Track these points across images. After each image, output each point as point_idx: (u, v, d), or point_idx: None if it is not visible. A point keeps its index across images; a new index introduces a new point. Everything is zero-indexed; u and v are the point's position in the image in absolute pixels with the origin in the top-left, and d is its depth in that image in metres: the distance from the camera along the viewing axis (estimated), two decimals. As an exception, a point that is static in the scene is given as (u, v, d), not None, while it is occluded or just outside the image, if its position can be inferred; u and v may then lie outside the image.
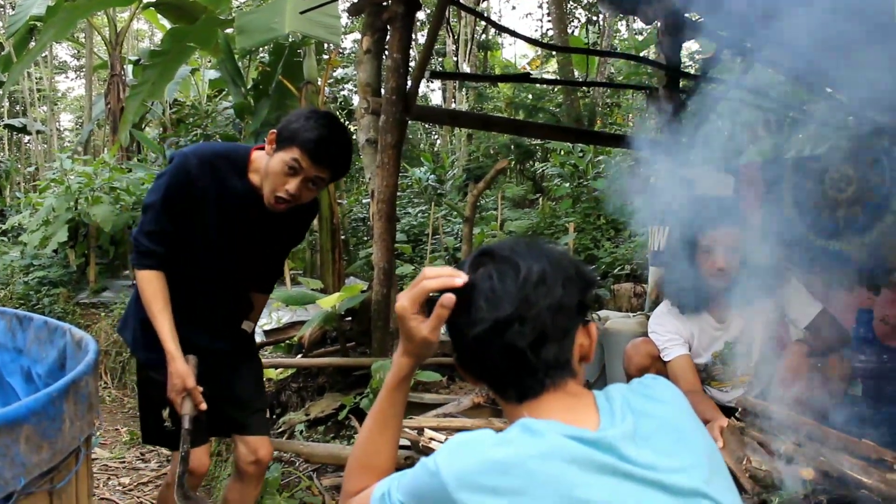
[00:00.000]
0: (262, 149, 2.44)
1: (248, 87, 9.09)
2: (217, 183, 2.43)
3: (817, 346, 2.80)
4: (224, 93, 12.42)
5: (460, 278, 1.27)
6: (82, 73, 22.20)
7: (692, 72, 7.17)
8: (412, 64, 4.34)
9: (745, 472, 2.32)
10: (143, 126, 13.38)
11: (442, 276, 1.29)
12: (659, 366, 3.13)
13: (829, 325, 2.92)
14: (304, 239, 10.75)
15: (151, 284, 2.42)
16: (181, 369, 2.37)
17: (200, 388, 2.40)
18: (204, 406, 2.40)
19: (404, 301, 1.34)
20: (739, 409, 2.55)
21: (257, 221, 2.51)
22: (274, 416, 4.55)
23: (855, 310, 3.42)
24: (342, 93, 15.93)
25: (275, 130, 2.37)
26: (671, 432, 1.21)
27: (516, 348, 1.21)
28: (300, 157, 2.28)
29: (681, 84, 5.81)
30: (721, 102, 7.31)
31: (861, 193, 3.70)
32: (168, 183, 2.40)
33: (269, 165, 2.35)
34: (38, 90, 23.78)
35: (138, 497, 3.73)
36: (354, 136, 4.32)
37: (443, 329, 1.34)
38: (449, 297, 1.27)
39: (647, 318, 4.10)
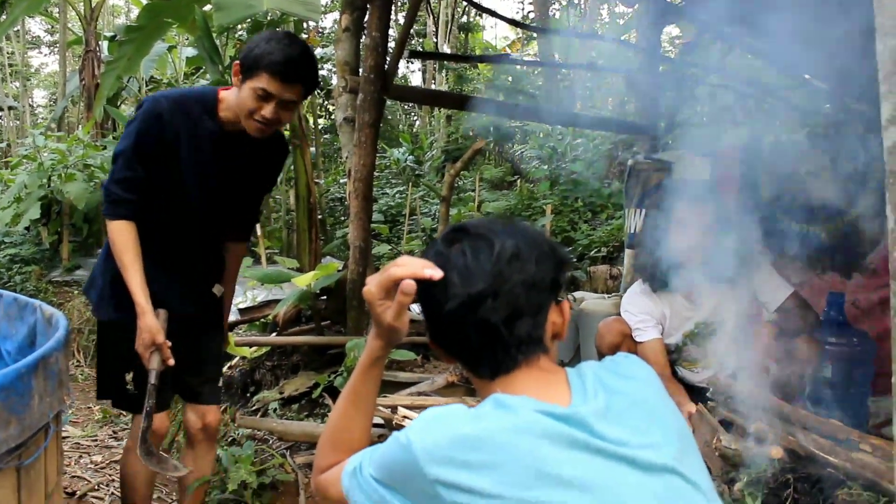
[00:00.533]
0: (229, 89, 2.39)
1: (226, 64, 8.94)
2: (189, 123, 2.37)
3: (787, 328, 2.83)
4: (202, 71, 12.28)
5: (431, 270, 1.25)
6: (56, 49, 21.82)
7: (671, 56, 7.20)
8: (391, 43, 4.32)
9: (715, 451, 2.35)
10: (119, 103, 13.16)
11: (412, 265, 1.27)
12: (630, 344, 3.16)
13: (799, 307, 2.96)
14: (282, 219, 10.78)
15: (123, 234, 2.35)
16: (151, 324, 2.31)
17: (169, 343, 2.35)
18: (172, 361, 2.35)
19: (371, 286, 1.32)
20: (710, 390, 2.57)
21: (231, 161, 2.46)
22: (248, 395, 4.54)
23: (827, 293, 3.46)
24: (322, 72, 15.81)
25: (238, 62, 2.30)
26: (643, 409, 1.22)
27: (489, 324, 1.21)
28: (269, 81, 2.22)
29: (660, 68, 5.82)
30: (699, 87, 7.36)
31: (835, 179, 3.72)
32: (139, 128, 2.34)
33: (240, 98, 2.29)
34: (10, 65, 23.32)
35: (110, 475, 3.70)
36: (332, 116, 4.29)
37: (417, 309, 1.34)
38: (409, 284, 1.25)
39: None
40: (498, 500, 1.06)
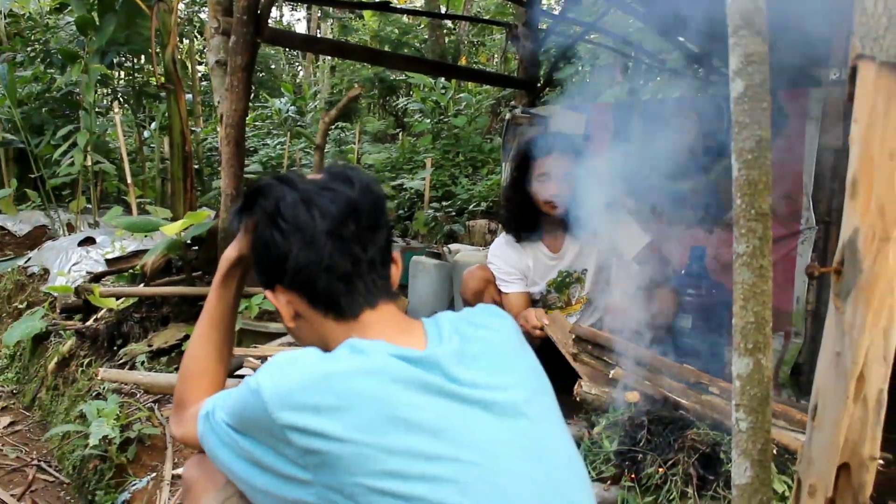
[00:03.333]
0: None
1: (93, 0, 8.48)
2: None
3: (644, 277, 2.92)
4: (68, 9, 11.55)
5: None
6: None
7: (553, 11, 7.25)
8: (266, -17, 4.15)
9: (576, 397, 2.42)
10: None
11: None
12: (494, 290, 3.21)
13: (656, 257, 3.06)
14: (156, 167, 10.34)
15: None
16: None
17: None
18: None
19: None
20: (573, 337, 2.64)
21: None
22: (115, 348, 4.38)
23: (690, 247, 3.61)
24: (199, 15, 15.12)
25: None
26: (496, 354, 1.24)
27: (338, 271, 1.23)
28: None
29: (541, 23, 5.86)
30: (579, 43, 7.47)
31: (700, 137, 3.85)
32: None
33: None
34: None
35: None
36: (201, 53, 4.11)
37: None
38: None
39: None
40: (350, 444, 1.05)
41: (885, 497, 2.59)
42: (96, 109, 8.57)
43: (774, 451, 2.05)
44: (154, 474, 3.01)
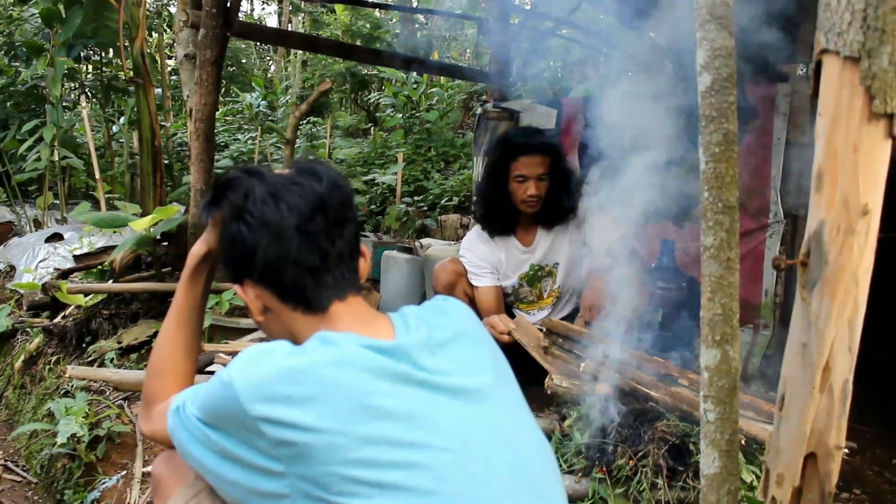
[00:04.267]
0: None
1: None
2: None
3: (615, 271, 2.92)
4: (33, 0, 11.35)
5: None
6: None
7: (525, 6, 7.26)
8: (235, -24, 4.12)
9: (547, 390, 2.43)
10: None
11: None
12: (465, 283, 3.22)
13: (627, 249, 3.07)
14: (125, 163, 10.21)
15: None
16: None
17: None
18: None
19: None
20: (544, 330, 2.65)
21: None
22: (83, 345, 4.32)
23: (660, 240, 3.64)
24: (168, 8, 14.94)
25: None
26: (461, 341, 1.26)
27: (306, 265, 1.24)
28: None
29: (512, 18, 5.87)
30: (550, 38, 7.48)
31: (672, 133, 3.88)
32: None
33: None
34: None
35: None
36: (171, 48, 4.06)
37: None
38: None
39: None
40: (323, 433, 1.05)
41: (850, 486, 2.63)
42: (63, 104, 8.45)
43: (743, 442, 2.08)
44: (124, 472, 2.98)
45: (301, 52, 15.46)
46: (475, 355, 1.26)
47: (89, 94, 10.72)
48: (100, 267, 5.08)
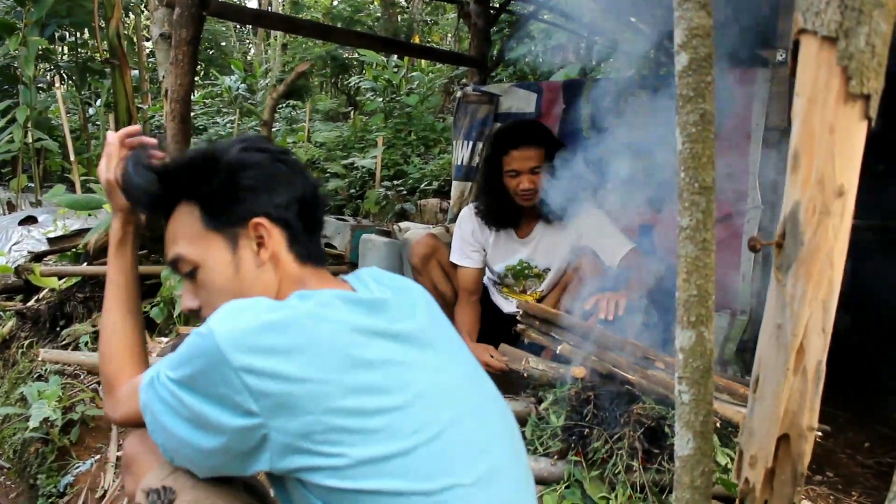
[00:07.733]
0: None
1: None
2: None
3: (633, 284, 2.87)
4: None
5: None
6: None
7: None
8: (211, -46, 4.04)
9: (524, 373, 2.43)
10: None
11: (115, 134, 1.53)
12: (441, 256, 3.21)
13: (640, 262, 3.04)
14: (101, 145, 10.09)
15: None
16: None
17: None
18: None
19: (100, 166, 1.51)
20: (520, 313, 2.65)
21: None
22: (57, 329, 4.28)
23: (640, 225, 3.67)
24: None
25: None
26: (407, 296, 1.33)
27: (318, 214, 1.39)
28: None
29: (493, 1, 5.84)
30: (532, 22, 7.47)
31: (655, 118, 3.88)
32: None
33: None
34: None
35: None
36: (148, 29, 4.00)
37: None
38: (111, 135, 1.52)
39: (447, 230, 4.18)
40: (308, 383, 1.06)
41: (824, 468, 2.66)
42: (38, 85, 8.33)
43: (718, 425, 2.09)
44: (98, 456, 2.96)
45: (281, 35, 15.33)
46: (431, 314, 1.35)
47: (65, 75, 10.57)
48: (74, 250, 5.02)
